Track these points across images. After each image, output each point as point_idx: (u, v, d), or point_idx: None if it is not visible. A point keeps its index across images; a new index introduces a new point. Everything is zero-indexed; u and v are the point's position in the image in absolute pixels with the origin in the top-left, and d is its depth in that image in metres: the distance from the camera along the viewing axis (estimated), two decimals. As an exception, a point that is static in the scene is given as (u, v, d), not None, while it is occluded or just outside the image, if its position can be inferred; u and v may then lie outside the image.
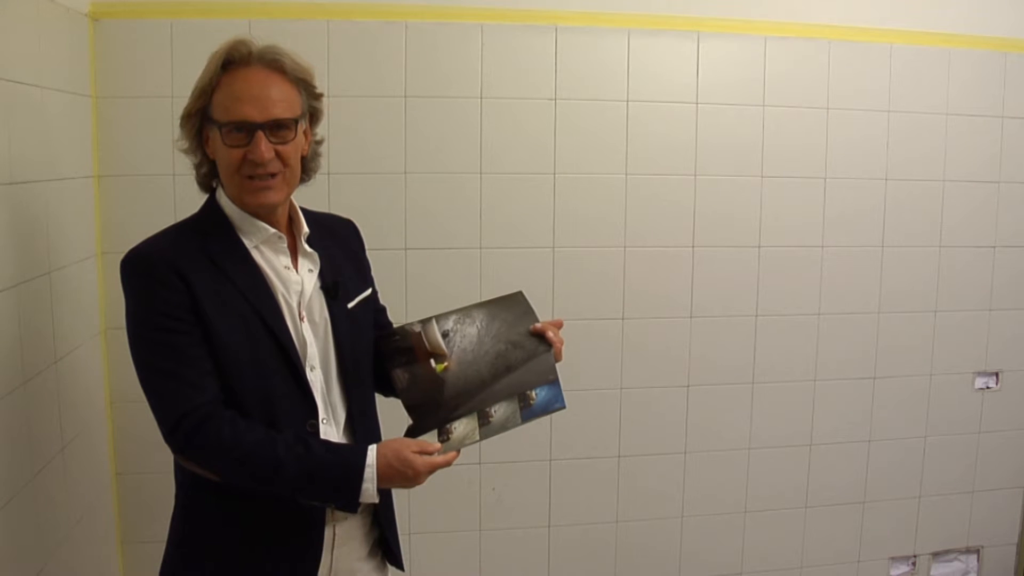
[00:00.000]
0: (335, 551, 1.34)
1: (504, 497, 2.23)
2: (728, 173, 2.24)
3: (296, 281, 1.32)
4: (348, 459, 1.23)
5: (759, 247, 2.29)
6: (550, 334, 1.45)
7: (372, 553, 1.43)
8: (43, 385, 1.63)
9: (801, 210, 2.30)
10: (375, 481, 1.22)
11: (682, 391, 2.30)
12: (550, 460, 2.25)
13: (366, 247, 1.55)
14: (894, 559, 2.52)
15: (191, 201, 1.97)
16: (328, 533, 1.32)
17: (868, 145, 2.31)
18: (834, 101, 2.28)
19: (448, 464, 1.29)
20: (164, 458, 2.06)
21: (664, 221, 2.23)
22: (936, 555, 2.55)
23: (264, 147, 1.23)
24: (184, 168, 1.96)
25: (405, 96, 2.06)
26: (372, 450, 1.23)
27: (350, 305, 1.40)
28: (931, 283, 2.40)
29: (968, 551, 2.57)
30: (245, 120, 1.22)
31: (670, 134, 2.20)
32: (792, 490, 2.41)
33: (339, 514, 1.33)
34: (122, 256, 1.30)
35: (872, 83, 2.29)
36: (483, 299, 1.45)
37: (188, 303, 1.22)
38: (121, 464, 2.05)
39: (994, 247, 2.43)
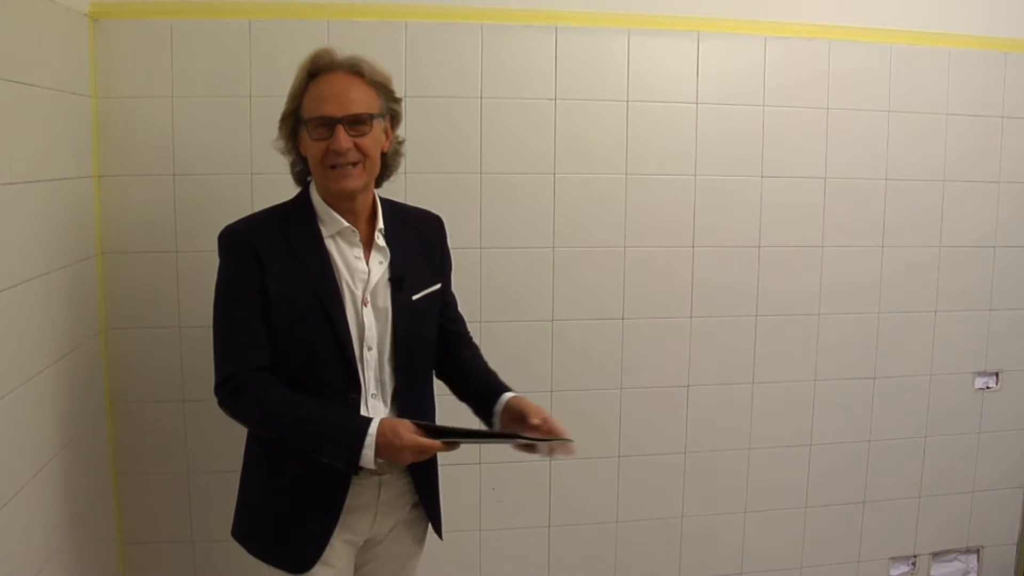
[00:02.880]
0: (378, 508, 1.53)
1: (504, 497, 2.23)
2: (728, 173, 2.24)
3: (363, 271, 1.49)
4: (354, 427, 1.39)
5: (759, 247, 2.29)
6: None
7: (413, 519, 1.62)
8: (43, 385, 1.63)
9: (801, 210, 2.30)
10: (374, 448, 1.37)
11: (682, 391, 2.30)
12: (550, 460, 2.25)
13: (449, 244, 1.69)
14: (894, 559, 2.52)
15: (191, 201, 1.99)
16: (374, 494, 1.51)
17: (868, 145, 2.31)
18: (834, 101, 2.27)
19: (437, 450, 1.42)
20: (164, 458, 2.07)
21: (664, 221, 2.23)
22: (936, 555, 2.55)
23: (343, 138, 1.41)
24: (185, 168, 1.98)
25: (405, 96, 2.04)
26: (376, 422, 1.39)
27: (415, 297, 1.55)
28: (931, 283, 2.40)
29: (968, 551, 2.57)
30: (327, 115, 1.42)
31: (670, 134, 2.20)
32: (792, 490, 2.41)
33: (385, 477, 1.51)
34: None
35: (872, 83, 2.29)
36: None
37: (257, 282, 1.43)
38: (121, 464, 2.05)
39: (994, 247, 2.43)
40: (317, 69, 1.45)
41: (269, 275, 1.43)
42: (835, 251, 2.33)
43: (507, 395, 1.61)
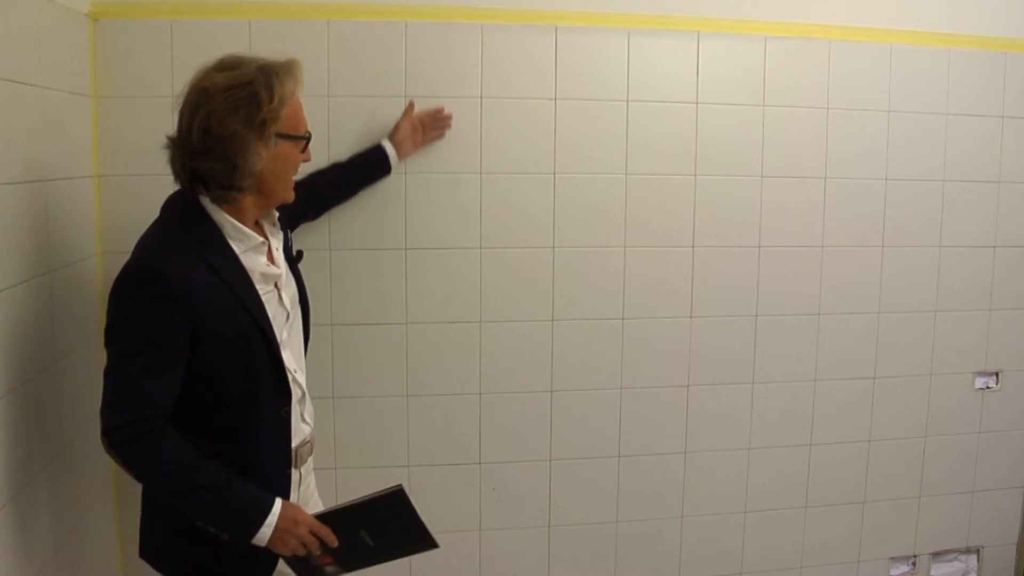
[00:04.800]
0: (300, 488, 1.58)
1: (504, 497, 2.23)
2: (728, 173, 2.24)
3: (276, 273, 1.49)
4: (257, 503, 1.37)
5: (759, 247, 2.29)
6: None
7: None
8: (43, 385, 1.63)
9: (801, 210, 2.30)
10: (273, 527, 1.36)
11: (682, 391, 2.30)
12: (550, 460, 2.25)
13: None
14: (894, 559, 2.52)
15: (191, 201, 1.98)
16: (295, 474, 1.53)
17: (868, 145, 2.31)
18: (834, 101, 2.27)
19: (326, 540, 1.41)
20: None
21: (664, 221, 2.23)
22: (936, 555, 2.55)
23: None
24: (184, 168, 1.97)
25: (405, 96, 2.05)
26: (279, 503, 1.38)
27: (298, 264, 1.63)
28: (931, 283, 2.40)
29: (968, 551, 2.57)
30: (308, 131, 1.47)
31: (670, 134, 2.20)
32: (792, 490, 2.41)
33: (299, 460, 1.53)
34: (123, 256, 1.32)
35: (872, 83, 2.29)
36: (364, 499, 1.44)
37: (186, 322, 1.32)
38: (121, 464, 2.05)
39: (994, 247, 2.43)
40: (298, 82, 1.43)
41: (200, 312, 1.33)
42: (835, 251, 2.33)
43: (382, 142, 1.97)
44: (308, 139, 1.47)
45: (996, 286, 2.45)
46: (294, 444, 1.50)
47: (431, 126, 2.04)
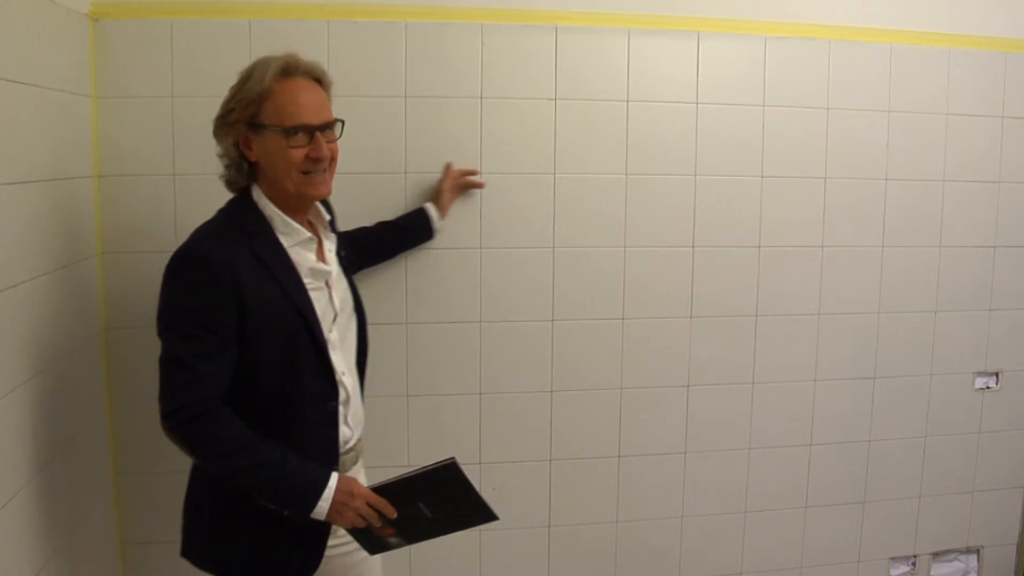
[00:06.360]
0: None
1: (504, 497, 2.23)
2: (728, 173, 2.24)
3: (326, 270, 1.52)
4: (313, 478, 1.40)
5: (759, 247, 2.29)
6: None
7: None
8: (43, 385, 1.63)
9: (801, 210, 2.30)
10: (330, 501, 1.39)
11: (682, 391, 2.30)
12: (550, 460, 2.25)
13: None
14: (894, 559, 2.52)
15: (191, 201, 1.98)
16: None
17: (868, 145, 2.31)
18: (834, 101, 2.27)
19: (384, 511, 1.44)
20: (164, 458, 2.07)
21: (664, 221, 2.23)
22: (936, 555, 2.55)
23: (324, 146, 1.44)
24: (184, 168, 1.98)
25: (405, 96, 2.06)
26: (335, 476, 1.41)
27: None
28: (931, 283, 2.40)
29: (968, 551, 2.57)
30: (307, 124, 1.42)
31: (670, 134, 2.20)
32: (792, 490, 2.41)
33: (342, 467, 1.54)
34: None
35: (872, 83, 2.29)
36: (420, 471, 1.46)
37: (235, 307, 1.37)
38: (121, 464, 2.05)
39: (994, 247, 2.43)
40: (287, 73, 1.43)
41: (248, 300, 1.38)
42: (835, 251, 2.33)
43: (425, 205, 2.01)
44: (299, 131, 1.42)
45: (996, 286, 2.45)
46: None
47: (464, 186, 2.10)
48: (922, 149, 2.35)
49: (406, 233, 2.03)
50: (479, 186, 2.10)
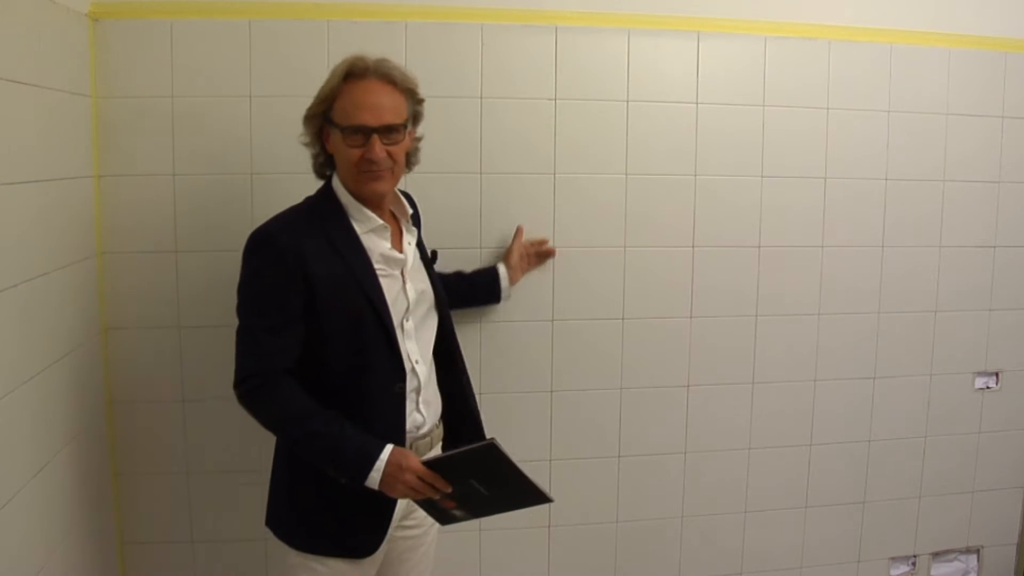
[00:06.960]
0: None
1: (504, 497, 2.23)
2: (728, 173, 2.24)
3: (399, 259, 1.57)
4: (367, 448, 1.45)
5: (759, 247, 2.29)
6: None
7: None
8: (43, 385, 1.63)
9: (801, 210, 2.30)
10: (381, 472, 1.44)
11: (682, 391, 2.30)
12: (550, 460, 2.25)
13: None
14: (894, 559, 2.52)
15: (191, 201, 1.98)
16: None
17: (868, 145, 2.31)
18: (834, 101, 2.27)
19: (437, 485, 1.46)
20: (164, 458, 2.07)
21: (664, 221, 2.23)
22: (936, 555, 2.55)
23: (378, 148, 1.49)
24: (185, 168, 1.98)
25: (405, 96, 2.05)
26: (388, 448, 1.46)
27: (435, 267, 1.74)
28: (931, 283, 2.40)
29: (968, 551, 2.57)
30: (363, 125, 1.48)
31: (670, 134, 2.20)
32: (792, 490, 2.41)
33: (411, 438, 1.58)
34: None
35: (872, 83, 2.29)
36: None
37: (300, 285, 1.46)
38: (121, 464, 2.05)
39: (994, 247, 2.43)
40: (352, 73, 1.50)
41: (315, 278, 1.46)
42: (835, 251, 2.33)
43: (497, 266, 2.05)
44: (356, 132, 1.48)
45: (996, 286, 2.45)
46: (407, 428, 1.56)
47: (536, 255, 2.13)
48: (922, 149, 2.35)
49: (475, 287, 2.06)
50: (550, 254, 2.15)
